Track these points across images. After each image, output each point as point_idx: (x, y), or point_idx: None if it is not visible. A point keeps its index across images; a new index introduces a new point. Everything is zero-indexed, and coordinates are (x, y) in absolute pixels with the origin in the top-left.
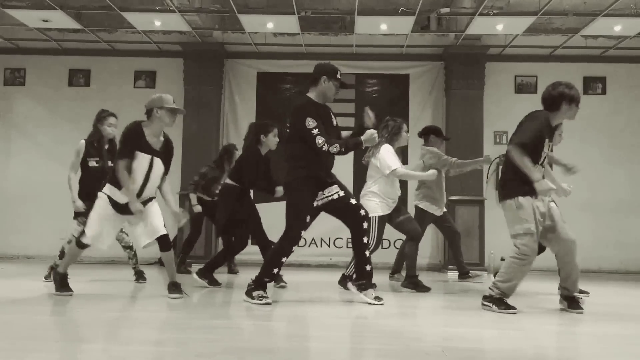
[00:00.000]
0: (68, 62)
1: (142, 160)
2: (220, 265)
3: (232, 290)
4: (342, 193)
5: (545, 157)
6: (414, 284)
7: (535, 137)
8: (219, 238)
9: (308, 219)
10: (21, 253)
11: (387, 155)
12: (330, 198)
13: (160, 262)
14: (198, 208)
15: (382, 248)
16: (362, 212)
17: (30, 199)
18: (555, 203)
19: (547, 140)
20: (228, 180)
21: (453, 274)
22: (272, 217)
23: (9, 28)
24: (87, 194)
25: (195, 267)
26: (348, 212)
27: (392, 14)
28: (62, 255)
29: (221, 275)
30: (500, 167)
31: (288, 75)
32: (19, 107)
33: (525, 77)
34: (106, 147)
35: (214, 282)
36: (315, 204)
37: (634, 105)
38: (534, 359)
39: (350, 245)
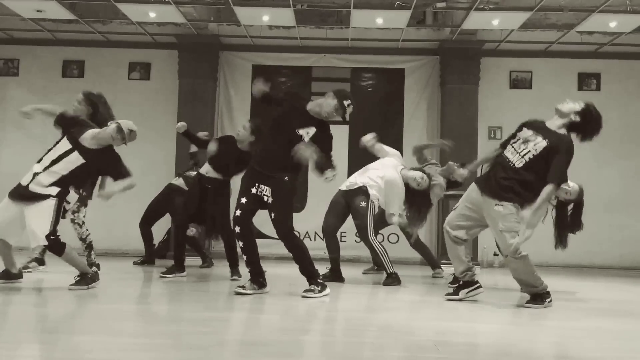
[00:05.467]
0: (62, 53)
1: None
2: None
3: (225, 282)
4: (270, 200)
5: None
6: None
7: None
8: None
9: (244, 200)
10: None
11: None
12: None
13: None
14: None
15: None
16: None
17: None
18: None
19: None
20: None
21: (447, 268)
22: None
23: (3, 18)
24: None
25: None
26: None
27: (388, 8)
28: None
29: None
30: None
31: (283, 68)
32: (13, 98)
33: (520, 72)
34: None
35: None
36: (253, 190)
37: (628, 101)
38: (527, 353)
39: (344, 239)
